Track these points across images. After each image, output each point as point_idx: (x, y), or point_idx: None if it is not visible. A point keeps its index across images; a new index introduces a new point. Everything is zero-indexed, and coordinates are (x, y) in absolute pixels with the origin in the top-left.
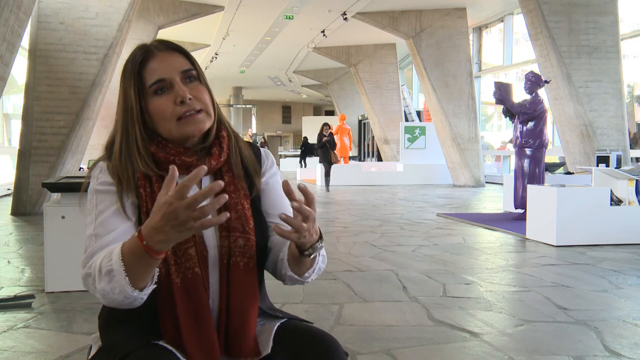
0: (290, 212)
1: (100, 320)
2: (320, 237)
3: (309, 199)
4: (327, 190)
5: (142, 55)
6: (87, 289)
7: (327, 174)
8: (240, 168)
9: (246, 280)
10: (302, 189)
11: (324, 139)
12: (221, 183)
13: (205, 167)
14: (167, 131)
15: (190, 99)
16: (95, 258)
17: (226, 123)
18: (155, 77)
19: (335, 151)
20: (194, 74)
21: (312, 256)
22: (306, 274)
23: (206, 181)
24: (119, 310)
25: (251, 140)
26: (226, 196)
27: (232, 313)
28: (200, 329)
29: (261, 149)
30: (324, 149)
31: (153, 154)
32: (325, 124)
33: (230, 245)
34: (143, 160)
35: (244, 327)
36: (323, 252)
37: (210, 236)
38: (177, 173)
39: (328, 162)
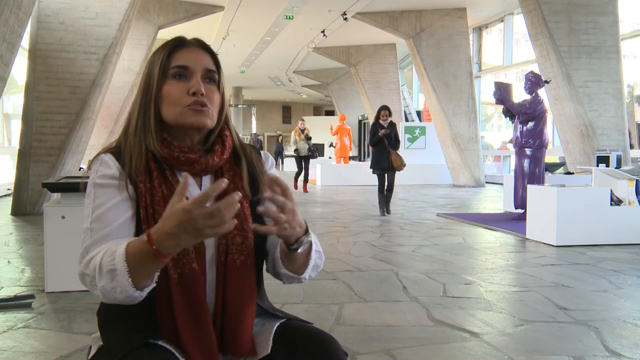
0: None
1: (99, 317)
2: (307, 231)
3: (282, 189)
4: (388, 212)
5: (177, 43)
6: (84, 285)
7: (389, 189)
8: (244, 169)
9: (243, 278)
10: (274, 180)
11: (381, 131)
12: (240, 194)
13: (226, 181)
14: (170, 115)
15: (202, 94)
16: (93, 254)
17: (232, 127)
18: (182, 62)
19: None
20: (215, 77)
21: (299, 250)
22: (301, 271)
23: (206, 180)
24: (117, 307)
25: (303, 137)
26: (238, 205)
27: (228, 310)
28: (198, 325)
29: (261, 152)
30: (380, 147)
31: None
32: (384, 108)
33: (227, 243)
34: (153, 140)
35: (239, 324)
36: (318, 248)
37: None
38: (190, 181)
39: (385, 168)
